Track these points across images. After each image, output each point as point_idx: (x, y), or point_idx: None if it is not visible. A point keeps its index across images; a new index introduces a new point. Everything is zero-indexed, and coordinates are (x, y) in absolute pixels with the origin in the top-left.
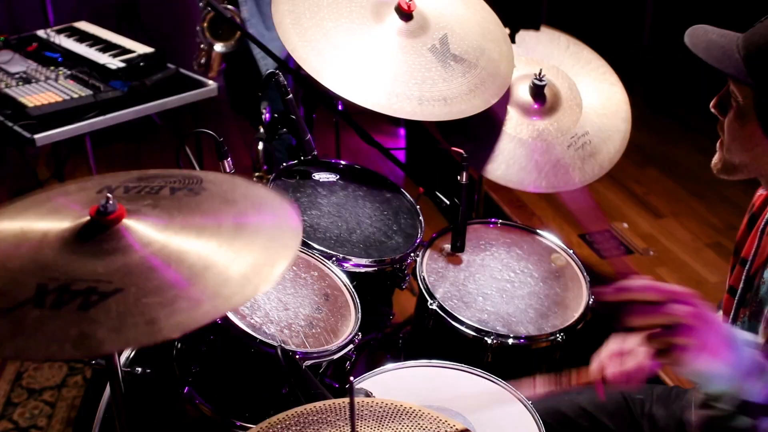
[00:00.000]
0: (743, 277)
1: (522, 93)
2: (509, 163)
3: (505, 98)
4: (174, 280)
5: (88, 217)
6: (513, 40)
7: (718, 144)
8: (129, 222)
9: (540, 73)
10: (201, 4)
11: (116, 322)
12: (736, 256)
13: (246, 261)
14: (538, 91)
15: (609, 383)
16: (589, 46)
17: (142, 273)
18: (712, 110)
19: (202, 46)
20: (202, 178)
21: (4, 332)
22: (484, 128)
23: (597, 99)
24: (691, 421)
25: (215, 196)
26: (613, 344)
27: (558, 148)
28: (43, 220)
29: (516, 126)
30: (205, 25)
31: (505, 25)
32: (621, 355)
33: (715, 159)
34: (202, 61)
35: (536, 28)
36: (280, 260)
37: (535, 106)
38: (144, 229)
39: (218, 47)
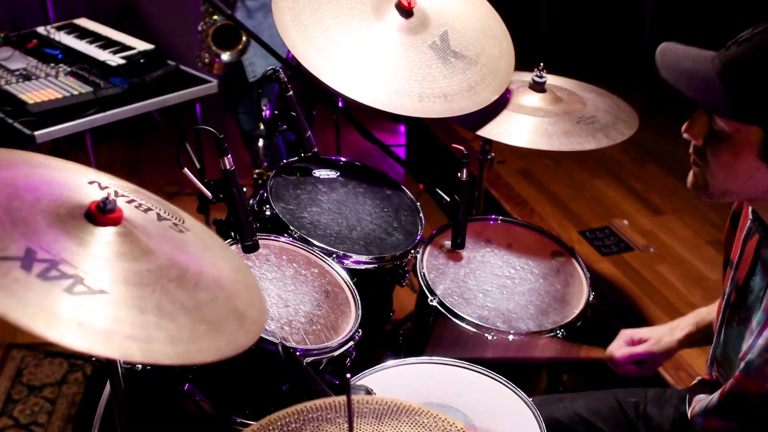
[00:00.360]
0: (730, 281)
1: (524, 92)
2: (519, 130)
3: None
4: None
5: (87, 207)
6: None
7: (692, 163)
8: (122, 230)
9: (540, 68)
10: (203, 8)
11: (103, 322)
12: (725, 253)
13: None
14: (538, 87)
15: (619, 363)
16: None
17: (128, 286)
18: (685, 135)
19: (204, 48)
20: (184, 218)
21: None
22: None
23: (601, 101)
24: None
25: (198, 242)
26: (626, 331)
27: (567, 122)
28: (35, 184)
29: (521, 108)
30: (210, 34)
31: None
32: (633, 343)
33: (691, 179)
34: (206, 60)
35: None
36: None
37: (538, 97)
38: (134, 244)
39: (225, 56)
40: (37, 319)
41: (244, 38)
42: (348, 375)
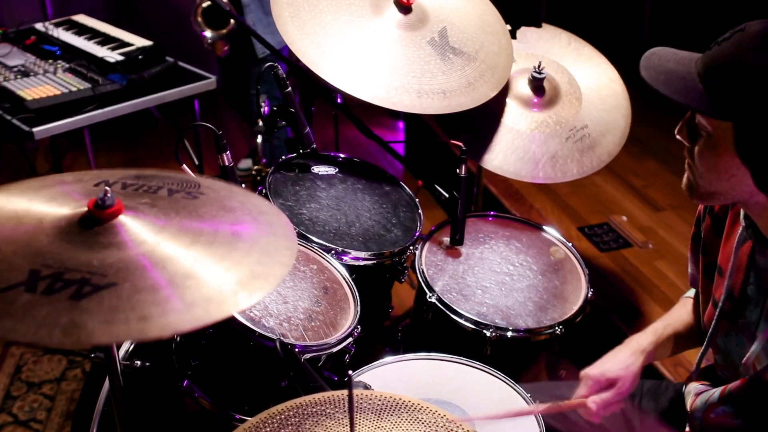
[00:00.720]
0: (724, 290)
1: (521, 86)
2: (506, 154)
3: (504, 90)
4: (158, 281)
5: (86, 209)
6: (514, 36)
7: (686, 166)
8: (126, 218)
9: (539, 66)
10: None
11: (108, 315)
12: (705, 255)
13: (232, 277)
14: (537, 84)
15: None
16: (588, 42)
17: (137, 270)
18: (678, 137)
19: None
20: (199, 182)
21: None
22: (482, 119)
23: (597, 94)
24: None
25: (213, 202)
26: (594, 373)
27: (556, 140)
28: (39, 207)
29: (514, 117)
30: (199, 11)
31: (507, 21)
32: (603, 384)
33: (684, 180)
34: (209, 41)
35: (537, 25)
36: (267, 281)
37: (535, 99)
38: (140, 227)
39: (208, 34)
40: (51, 334)
41: (231, 22)
42: (350, 371)
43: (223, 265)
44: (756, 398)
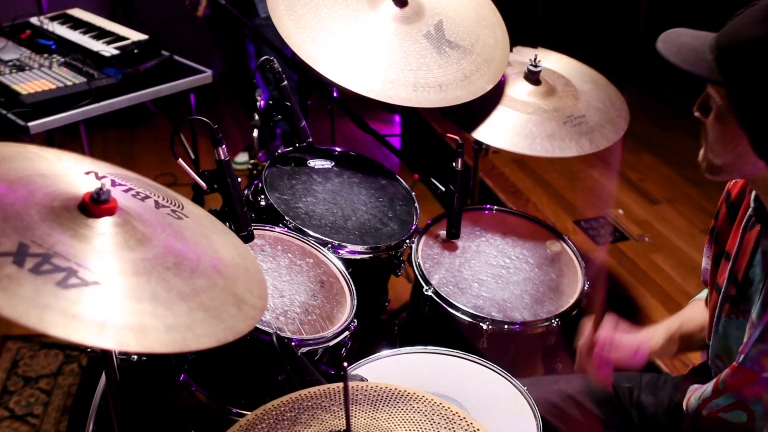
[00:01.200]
0: (728, 274)
1: (518, 79)
2: (503, 129)
3: (501, 82)
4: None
5: (81, 198)
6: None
7: (701, 141)
8: (117, 219)
9: (535, 59)
10: None
11: (93, 314)
12: (717, 245)
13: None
14: (533, 78)
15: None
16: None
17: (123, 276)
18: (695, 114)
19: None
20: (183, 203)
21: None
22: (479, 100)
23: (594, 95)
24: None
25: (196, 228)
26: (606, 333)
27: (554, 123)
28: (32, 177)
29: (512, 101)
30: None
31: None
32: (605, 346)
33: (700, 157)
34: None
35: (532, 46)
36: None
37: (531, 89)
38: (131, 233)
39: None
40: (30, 314)
41: None
42: (345, 363)
43: (198, 301)
44: (743, 388)
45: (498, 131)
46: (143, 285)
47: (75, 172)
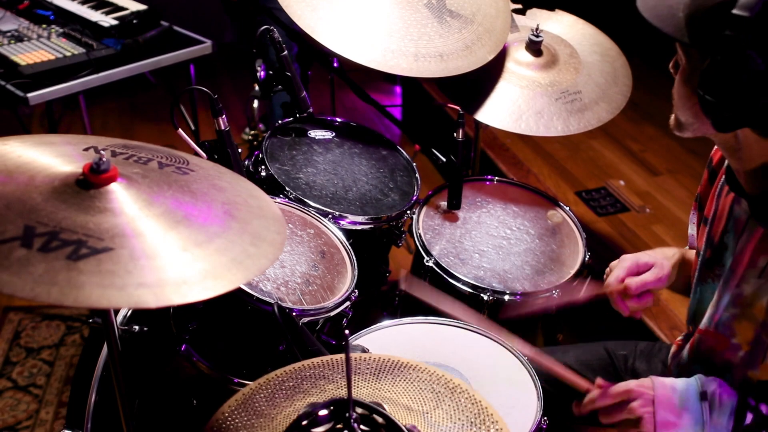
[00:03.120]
0: (705, 238)
1: (520, 47)
2: (492, 103)
3: (501, 50)
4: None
5: (81, 172)
6: (523, 13)
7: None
8: (120, 186)
9: (537, 29)
10: None
11: (107, 279)
12: (700, 211)
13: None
14: (534, 47)
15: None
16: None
17: (135, 237)
18: (670, 70)
19: None
20: (188, 159)
21: None
22: (476, 71)
23: (598, 69)
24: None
25: (203, 180)
26: (628, 257)
27: (545, 99)
28: (30, 163)
29: (505, 72)
30: None
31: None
32: (637, 268)
33: (671, 116)
34: None
35: (551, 8)
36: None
37: (530, 60)
38: (135, 196)
39: None
40: (44, 291)
41: None
42: (347, 331)
43: (213, 246)
44: (714, 354)
45: (488, 105)
46: (155, 242)
47: (73, 152)
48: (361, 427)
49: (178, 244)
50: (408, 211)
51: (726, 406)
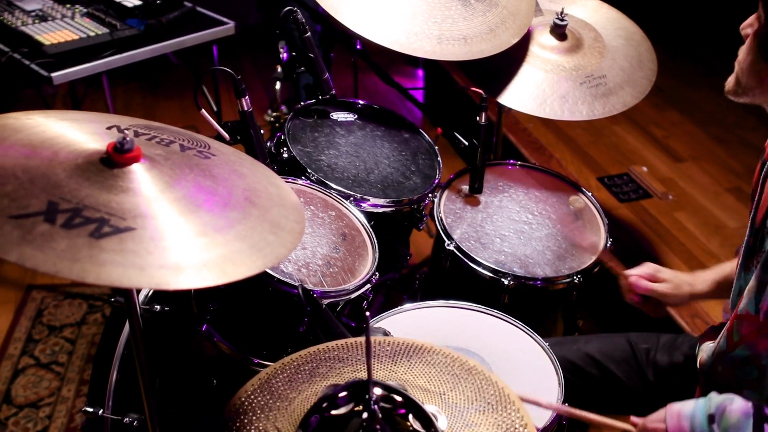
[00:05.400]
0: (749, 224)
1: (544, 31)
2: (516, 86)
3: (525, 34)
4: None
5: (104, 150)
6: None
7: (735, 63)
8: (143, 166)
9: (562, 13)
10: None
11: (128, 258)
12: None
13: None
14: (559, 31)
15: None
16: None
17: (156, 218)
18: (741, 32)
19: None
20: (209, 143)
21: (11, 237)
22: (500, 54)
23: (622, 53)
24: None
25: (224, 165)
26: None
27: (570, 83)
28: (54, 139)
29: (529, 56)
30: None
31: None
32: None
33: (729, 78)
34: None
35: None
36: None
37: (555, 44)
38: (157, 178)
39: None
40: (66, 267)
41: None
42: (368, 314)
43: (234, 232)
44: (764, 338)
45: (511, 89)
46: (177, 224)
47: (96, 130)
48: (381, 408)
49: (198, 229)
50: (429, 195)
51: (742, 424)
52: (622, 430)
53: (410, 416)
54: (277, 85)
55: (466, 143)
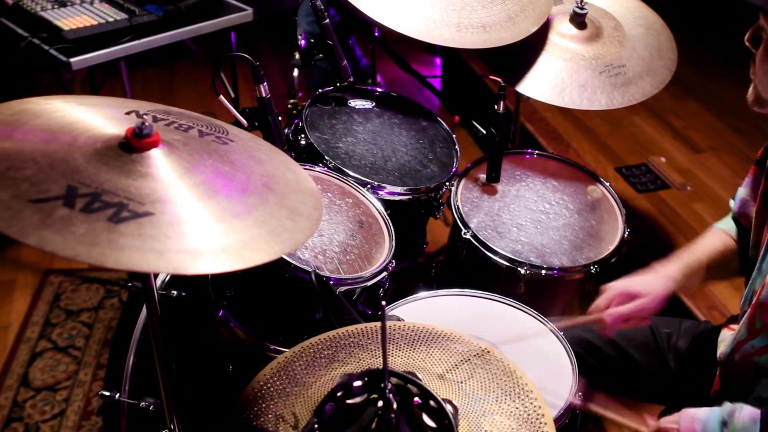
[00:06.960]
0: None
1: (563, 20)
2: (535, 75)
3: (545, 23)
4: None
5: (123, 135)
6: None
7: (751, 75)
8: (162, 151)
9: (581, 1)
10: None
11: (147, 243)
12: None
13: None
14: (579, 20)
15: (609, 324)
16: None
17: (174, 203)
18: (746, 43)
19: None
20: (227, 129)
21: (31, 221)
22: (519, 43)
23: (642, 42)
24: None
25: (242, 150)
26: (617, 285)
27: (589, 72)
28: (72, 124)
29: (548, 45)
30: None
31: None
32: (624, 297)
33: (749, 90)
34: None
35: None
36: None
37: (575, 33)
38: (176, 163)
39: None
40: (85, 251)
41: None
42: (383, 302)
43: (252, 218)
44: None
45: (530, 78)
46: (195, 210)
47: (115, 115)
48: (396, 397)
49: (216, 214)
50: (447, 183)
51: (749, 428)
52: (635, 429)
53: (424, 406)
54: (295, 72)
55: (484, 132)
